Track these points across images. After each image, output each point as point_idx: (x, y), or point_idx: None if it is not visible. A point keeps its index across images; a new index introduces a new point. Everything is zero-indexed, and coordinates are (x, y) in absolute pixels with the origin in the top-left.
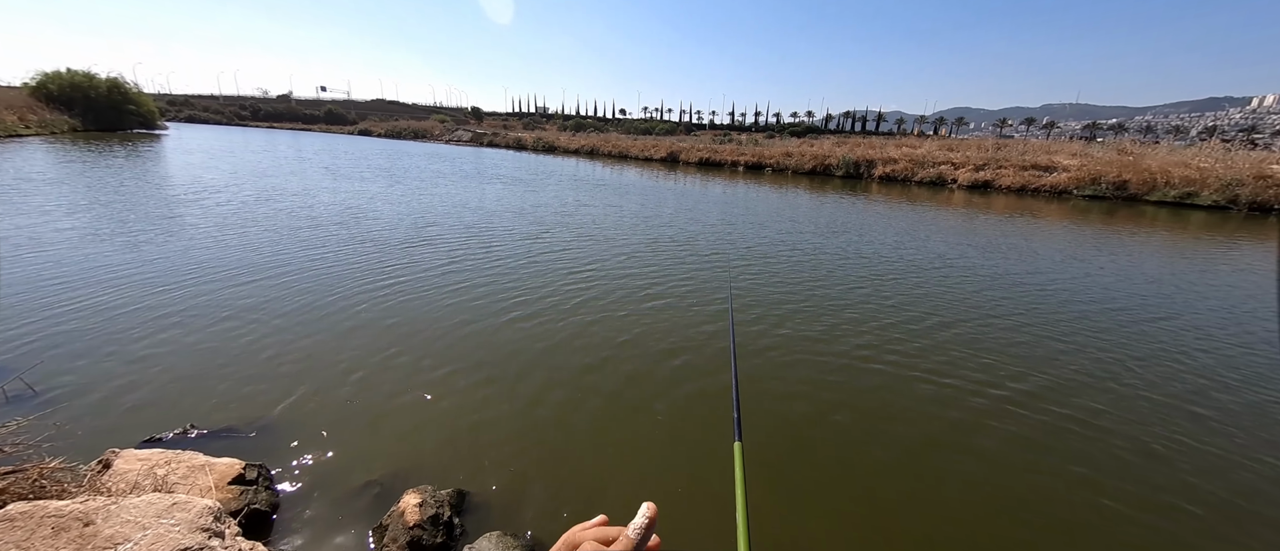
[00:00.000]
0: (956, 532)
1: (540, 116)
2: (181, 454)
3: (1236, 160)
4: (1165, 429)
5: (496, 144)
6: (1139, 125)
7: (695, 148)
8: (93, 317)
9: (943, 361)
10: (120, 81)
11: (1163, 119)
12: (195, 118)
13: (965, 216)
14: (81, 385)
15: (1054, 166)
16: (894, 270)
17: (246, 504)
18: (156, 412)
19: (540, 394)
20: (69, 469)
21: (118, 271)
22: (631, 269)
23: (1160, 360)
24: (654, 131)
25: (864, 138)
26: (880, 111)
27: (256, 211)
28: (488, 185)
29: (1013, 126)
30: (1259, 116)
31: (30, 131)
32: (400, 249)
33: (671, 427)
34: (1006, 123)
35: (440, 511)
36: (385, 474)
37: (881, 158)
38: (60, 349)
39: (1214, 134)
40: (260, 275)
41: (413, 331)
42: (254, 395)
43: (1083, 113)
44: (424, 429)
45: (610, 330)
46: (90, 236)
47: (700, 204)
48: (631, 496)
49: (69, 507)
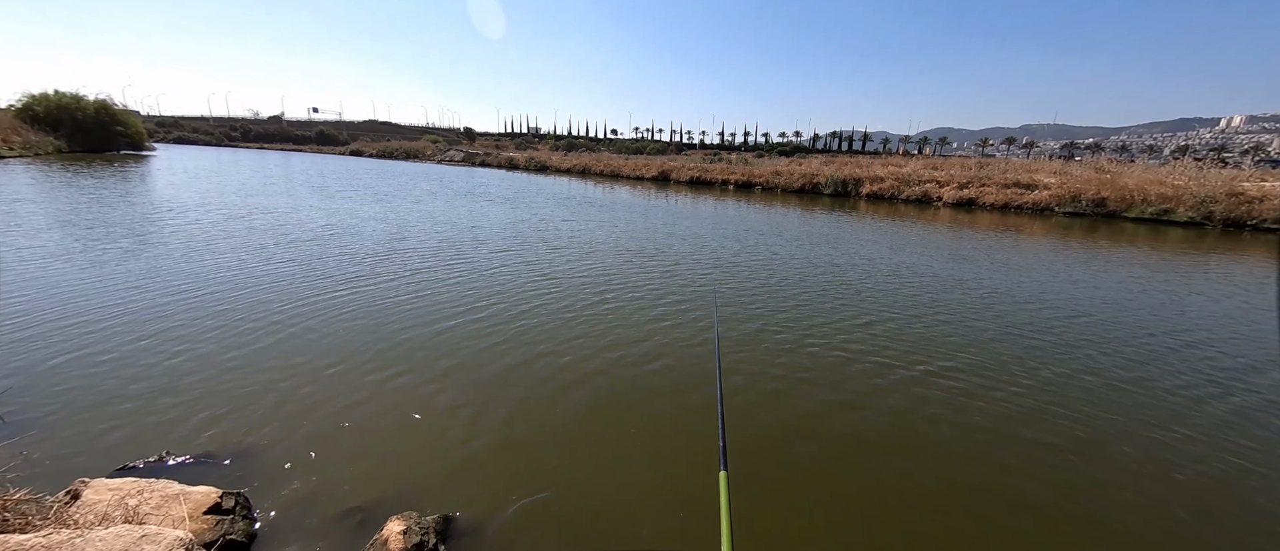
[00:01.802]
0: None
1: (532, 136)
2: (155, 482)
3: (1209, 178)
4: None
5: (489, 164)
6: (1114, 144)
7: (686, 167)
8: (66, 341)
9: (947, 381)
10: (109, 103)
11: (1137, 138)
12: (185, 139)
13: (952, 233)
14: (53, 411)
15: (1035, 184)
16: (887, 286)
17: (222, 535)
18: (131, 439)
19: (527, 416)
20: (35, 500)
21: (91, 293)
22: (622, 288)
23: (1170, 374)
24: (645, 151)
25: (851, 157)
26: (866, 131)
27: (236, 231)
28: (478, 204)
29: (994, 146)
30: (1228, 136)
31: (14, 153)
32: (385, 270)
33: (662, 451)
34: (988, 142)
35: (425, 538)
36: (368, 500)
37: (868, 176)
38: (31, 374)
39: (1186, 153)
40: (240, 297)
41: (396, 354)
42: (233, 420)
43: (1061, 133)
44: (409, 453)
45: (601, 351)
46: (62, 257)
47: (691, 222)
48: (620, 521)
49: (31, 542)
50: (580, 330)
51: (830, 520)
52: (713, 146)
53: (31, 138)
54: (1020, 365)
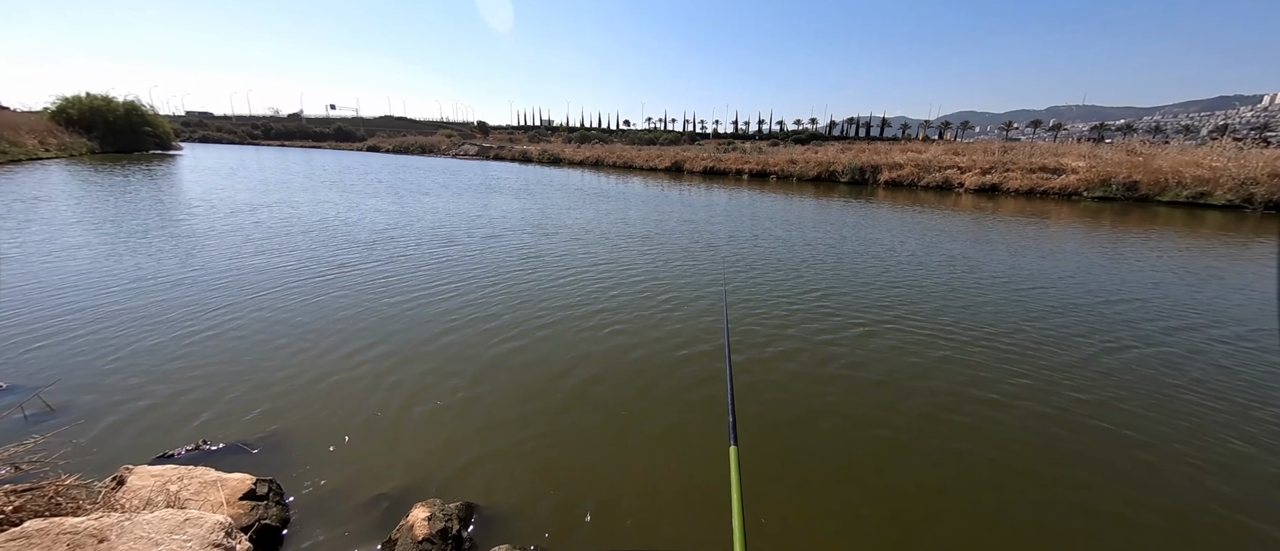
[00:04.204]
0: (958, 539)
1: (545, 129)
2: (194, 470)
3: (1250, 159)
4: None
5: (502, 157)
6: (1147, 125)
7: (699, 157)
8: (109, 335)
9: (960, 368)
10: (137, 104)
11: (1172, 118)
12: (209, 138)
13: (975, 219)
14: (97, 402)
15: (1062, 168)
16: (910, 275)
17: (257, 519)
18: (170, 428)
19: (547, 403)
20: (84, 486)
21: (132, 287)
22: (637, 276)
23: (1193, 364)
24: (658, 141)
25: (868, 143)
26: (884, 117)
27: (267, 226)
28: (493, 197)
29: (1019, 129)
30: (1271, 114)
31: (50, 154)
32: (407, 260)
33: (682, 434)
34: (1012, 126)
35: (449, 525)
36: (394, 487)
37: (887, 163)
38: (77, 366)
39: (1225, 133)
40: (272, 289)
41: (420, 344)
42: (267, 409)
43: (1090, 114)
44: (433, 441)
45: (617, 337)
46: (106, 254)
47: (705, 212)
48: (640, 505)
49: (84, 524)
50: (605, 323)
51: (844, 499)
52: (726, 135)
53: (66, 139)
54: (1049, 352)
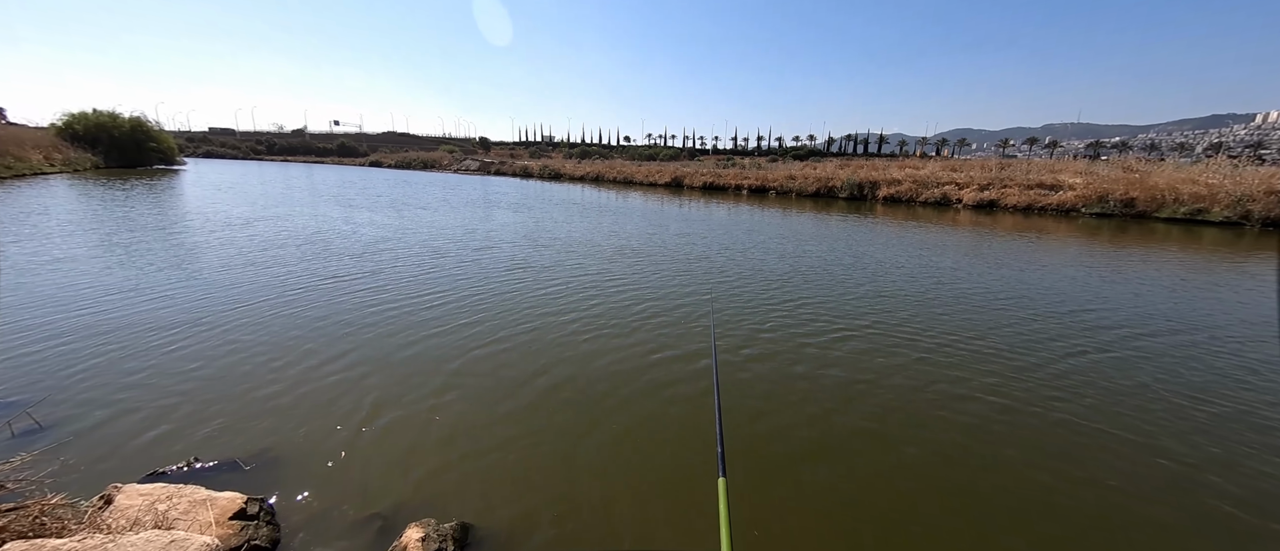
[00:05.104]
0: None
1: (546, 145)
2: (184, 488)
3: (1245, 176)
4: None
5: (504, 172)
6: (1143, 143)
7: (699, 172)
8: (100, 349)
9: (960, 385)
10: (143, 120)
11: (1167, 136)
12: (213, 153)
13: (974, 235)
14: (88, 418)
15: (1059, 185)
16: (908, 291)
17: (247, 540)
18: (159, 445)
19: (543, 423)
20: (70, 505)
21: (126, 301)
22: (635, 295)
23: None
24: (658, 157)
25: (866, 160)
26: (882, 134)
27: (259, 241)
28: (493, 211)
29: (1015, 146)
30: (1264, 132)
31: (54, 169)
32: (401, 277)
33: (677, 458)
34: (1009, 143)
35: (443, 545)
36: (388, 507)
37: (885, 179)
38: (67, 381)
39: (1219, 150)
40: (263, 306)
41: (415, 362)
42: (258, 427)
43: (1085, 132)
44: (427, 460)
45: (613, 359)
46: (100, 267)
47: (705, 228)
48: (636, 529)
49: (66, 546)
50: (599, 344)
51: (835, 525)
52: (726, 151)
53: (71, 155)
54: (1046, 373)
